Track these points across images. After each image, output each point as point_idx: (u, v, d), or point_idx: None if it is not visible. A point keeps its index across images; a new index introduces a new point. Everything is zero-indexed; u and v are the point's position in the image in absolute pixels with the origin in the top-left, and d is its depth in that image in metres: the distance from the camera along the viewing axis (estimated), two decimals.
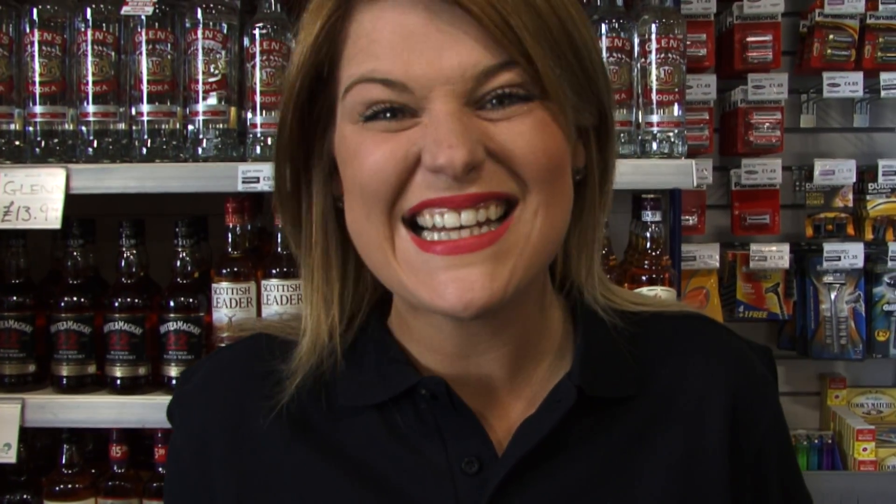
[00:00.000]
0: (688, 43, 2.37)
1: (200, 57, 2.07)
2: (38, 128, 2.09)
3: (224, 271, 2.07)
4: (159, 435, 2.12)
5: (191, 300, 2.09)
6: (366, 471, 0.98)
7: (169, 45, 2.09)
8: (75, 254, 2.15)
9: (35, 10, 2.08)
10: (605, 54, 2.04)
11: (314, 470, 0.99)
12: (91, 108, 2.08)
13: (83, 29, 2.08)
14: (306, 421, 1.01)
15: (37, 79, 2.08)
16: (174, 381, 2.07)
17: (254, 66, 2.08)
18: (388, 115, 0.89)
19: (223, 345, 1.80)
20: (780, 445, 1.10)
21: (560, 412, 0.97)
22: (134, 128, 2.11)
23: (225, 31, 2.09)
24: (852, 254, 2.67)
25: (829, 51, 2.66)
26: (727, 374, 1.06)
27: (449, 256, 0.88)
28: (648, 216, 2.11)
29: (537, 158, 0.89)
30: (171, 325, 2.08)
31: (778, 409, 1.10)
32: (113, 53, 2.09)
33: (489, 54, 0.87)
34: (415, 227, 0.92)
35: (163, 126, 2.10)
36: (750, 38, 2.66)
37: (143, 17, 2.07)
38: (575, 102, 0.93)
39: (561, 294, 1.07)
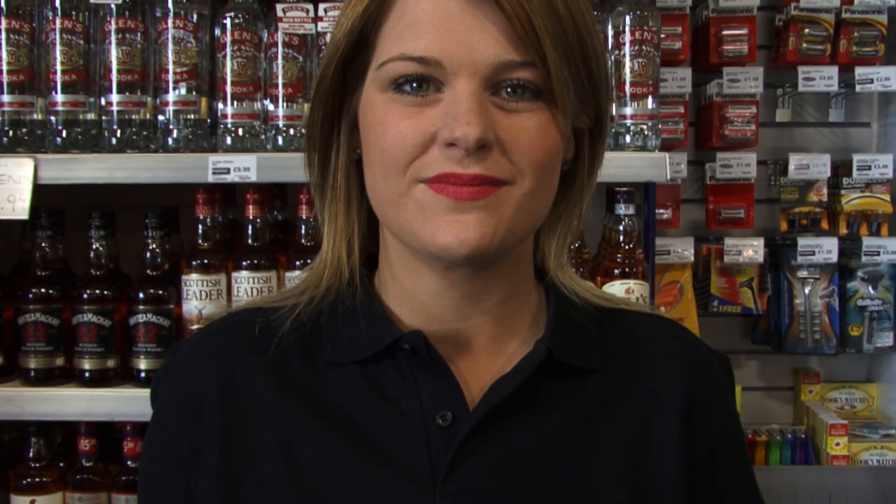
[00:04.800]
0: (663, 36, 2.36)
1: (171, 46, 2.05)
2: (6, 117, 2.06)
3: (194, 263, 2.05)
4: (128, 428, 2.11)
5: (160, 292, 2.07)
6: (345, 421, 1.04)
7: (139, 34, 2.07)
8: (44, 245, 2.13)
9: None
10: None
11: (296, 419, 1.05)
12: (60, 98, 2.05)
13: (52, 17, 2.05)
14: (291, 375, 1.08)
15: (4, 67, 2.04)
16: (143, 374, 2.06)
17: (225, 57, 2.07)
18: (415, 84, 0.98)
19: None
20: (735, 447, 1.14)
21: (530, 368, 1.04)
22: (104, 118, 2.08)
23: (196, 20, 2.07)
24: (826, 248, 2.67)
25: (804, 45, 2.66)
26: (685, 366, 1.13)
27: (454, 201, 0.98)
28: (622, 209, 2.11)
29: (536, 153, 0.99)
30: (141, 318, 2.06)
31: (734, 412, 1.16)
32: (82, 42, 2.06)
33: (512, 49, 0.96)
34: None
35: (133, 116, 2.07)
36: (725, 32, 2.65)
37: (113, 6, 2.04)
38: (576, 107, 1.03)
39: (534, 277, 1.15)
